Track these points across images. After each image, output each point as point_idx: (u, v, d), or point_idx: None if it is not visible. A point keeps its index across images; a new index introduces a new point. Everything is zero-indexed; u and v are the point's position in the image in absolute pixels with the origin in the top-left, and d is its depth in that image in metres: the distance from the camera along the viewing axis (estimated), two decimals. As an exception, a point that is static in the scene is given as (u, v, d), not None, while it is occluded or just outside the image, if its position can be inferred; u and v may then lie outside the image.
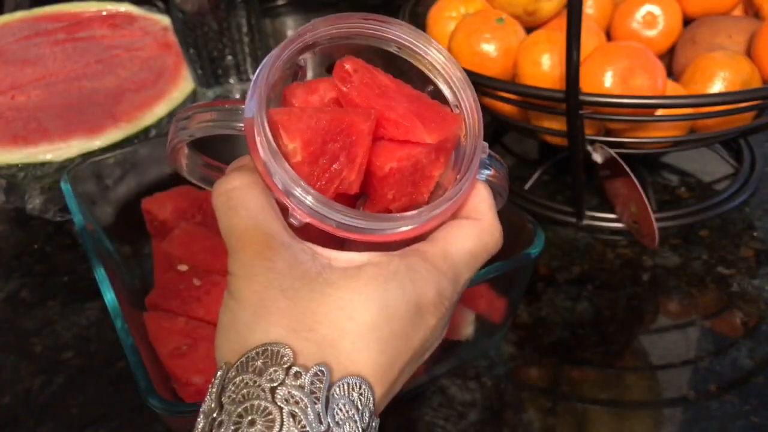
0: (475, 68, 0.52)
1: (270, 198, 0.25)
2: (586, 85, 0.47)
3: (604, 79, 0.48)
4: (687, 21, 0.57)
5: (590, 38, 0.51)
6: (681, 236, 0.54)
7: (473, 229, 0.27)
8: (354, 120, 0.26)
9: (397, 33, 0.29)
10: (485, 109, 0.56)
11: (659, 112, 0.49)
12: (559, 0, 0.55)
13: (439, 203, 0.26)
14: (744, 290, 0.49)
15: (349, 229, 0.25)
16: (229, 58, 0.66)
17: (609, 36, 0.57)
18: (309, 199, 0.24)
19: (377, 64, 0.28)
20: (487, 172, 0.29)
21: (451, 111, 0.28)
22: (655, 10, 0.55)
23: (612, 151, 0.50)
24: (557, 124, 0.51)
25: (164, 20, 0.77)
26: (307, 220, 0.25)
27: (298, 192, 0.24)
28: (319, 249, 0.25)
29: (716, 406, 0.41)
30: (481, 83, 0.50)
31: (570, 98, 0.46)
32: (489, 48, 0.52)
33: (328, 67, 0.28)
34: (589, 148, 0.51)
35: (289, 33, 0.88)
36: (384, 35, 0.29)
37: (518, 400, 0.42)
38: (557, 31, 0.50)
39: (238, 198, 0.25)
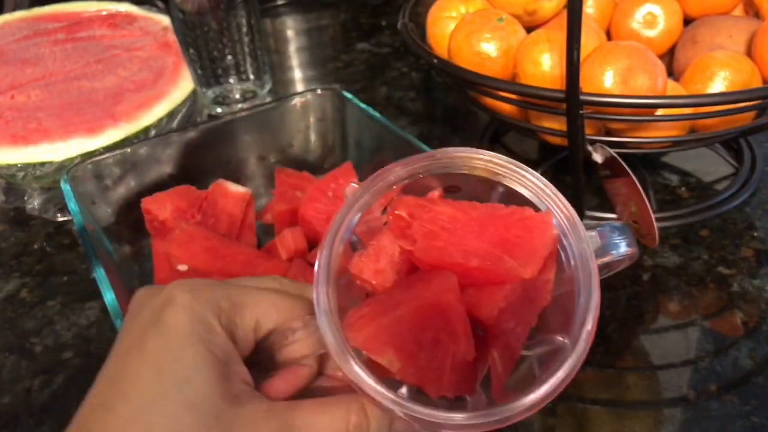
0: (475, 68, 0.52)
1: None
2: (586, 85, 0.47)
3: (604, 79, 0.48)
4: (687, 21, 0.57)
5: (590, 38, 0.51)
6: (681, 236, 0.54)
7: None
8: (436, 299, 0.24)
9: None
10: (485, 109, 0.56)
11: (659, 112, 0.49)
12: (559, 0, 0.55)
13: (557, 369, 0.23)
14: (744, 290, 0.49)
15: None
16: (229, 58, 0.66)
17: (609, 36, 0.57)
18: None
19: (431, 182, 0.26)
20: (618, 245, 0.26)
21: (534, 211, 0.26)
22: (656, 9, 0.55)
23: (612, 151, 0.50)
24: (557, 124, 0.51)
25: (164, 20, 0.77)
26: None
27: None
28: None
29: (716, 406, 0.41)
30: (480, 83, 0.50)
31: (570, 98, 0.46)
32: (489, 48, 0.52)
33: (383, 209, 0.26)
34: (590, 148, 0.51)
35: (289, 33, 0.88)
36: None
37: None
38: (557, 31, 0.50)
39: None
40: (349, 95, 0.54)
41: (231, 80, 0.68)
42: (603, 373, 0.44)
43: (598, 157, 0.51)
